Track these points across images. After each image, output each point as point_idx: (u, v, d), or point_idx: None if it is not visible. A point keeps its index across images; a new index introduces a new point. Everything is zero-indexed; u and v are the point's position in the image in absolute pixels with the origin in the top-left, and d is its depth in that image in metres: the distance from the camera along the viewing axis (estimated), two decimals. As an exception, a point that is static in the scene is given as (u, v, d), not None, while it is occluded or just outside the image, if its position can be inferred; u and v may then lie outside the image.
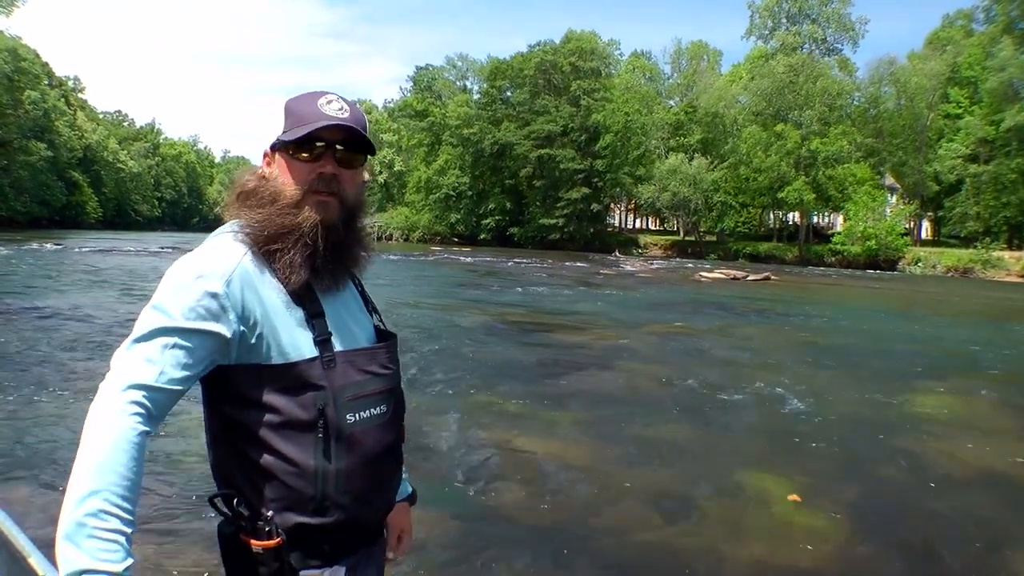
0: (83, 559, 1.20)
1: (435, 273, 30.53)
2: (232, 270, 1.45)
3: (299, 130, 1.52)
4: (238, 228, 1.55)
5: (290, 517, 1.47)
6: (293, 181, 1.54)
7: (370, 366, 1.58)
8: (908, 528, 5.00)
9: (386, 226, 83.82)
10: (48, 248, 34.13)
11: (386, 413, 1.59)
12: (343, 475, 1.49)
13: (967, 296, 29.16)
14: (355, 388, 1.52)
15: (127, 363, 1.36)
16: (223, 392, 1.49)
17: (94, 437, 1.29)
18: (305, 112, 1.54)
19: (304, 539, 1.49)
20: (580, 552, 4.38)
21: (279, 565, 1.46)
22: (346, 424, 1.49)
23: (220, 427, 1.53)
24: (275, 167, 1.59)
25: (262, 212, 1.53)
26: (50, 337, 10.34)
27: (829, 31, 64.98)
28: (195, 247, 1.53)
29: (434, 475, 5.49)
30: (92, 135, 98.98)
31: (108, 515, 1.23)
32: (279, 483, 1.46)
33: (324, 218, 1.53)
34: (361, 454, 1.52)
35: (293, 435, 1.46)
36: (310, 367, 1.47)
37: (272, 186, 1.56)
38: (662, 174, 62.47)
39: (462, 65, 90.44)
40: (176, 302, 1.40)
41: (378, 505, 1.63)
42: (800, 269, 48.94)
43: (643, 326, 14.61)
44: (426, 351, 10.39)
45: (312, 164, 1.54)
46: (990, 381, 10.14)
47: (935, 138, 59.05)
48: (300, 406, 1.46)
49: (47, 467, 5.23)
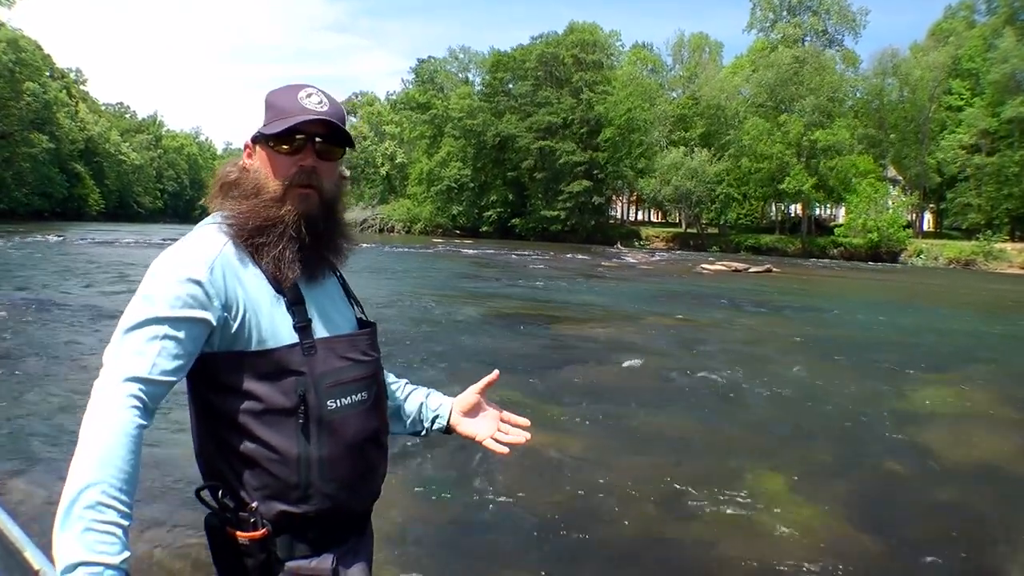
0: (80, 551, 1.20)
1: (436, 265, 30.49)
2: (214, 258, 1.47)
3: (280, 123, 1.54)
4: (221, 219, 1.57)
5: (274, 506, 1.48)
6: (274, 174, 1.57)
7: (351, 353, 1.59)
8: (910, 522, 5.01)
9: (388, 218, 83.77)
10: (50, 240, 34.12)
11: (367, 400, 1.60)
12: (326, 462, 1.50)
13: (969, 288, 29.09)
14: (335, 375, 1.54)
15: (120, 357, 1.38)
16: (206, 381, 1.51)
17: (92, 431, 1.30)
18: (285, 105, 1.56)
19: (289, 528, 1.50)
20: (579, 545, 4.39)
21: (265, 556, 1.48)
22: (327, 410, 1.51)
23: (203, 416, 1.54)
24: (256, 159, 1.61)
25: (246, 204, 1.55)
26: (47, 329, 10.36)
27: (830, 22, 64.86)
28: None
29: (431, 468, 5.51)
30: (94, 127, 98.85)
31: (105, 507, 1.24)
32: (262, 471, 1.48)
33: (305, 211, 1.56)
34: (343, 441, 1.53)
35: (274, 421, 1.47)
36: (290, 353, 1.49)
37: (254, 178, 1.58)
38: (664, 167, 62.34)
39: (464, 57, 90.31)
40: (162, 292, 1.42)
41: (363, 493, 1.64)
42: (802, 261, 48.87)
43: (644, 318, 14.61)
44: (425, 342, 10.41)
45: (292, 156, 1.56)
46: (991, 373, 10.14)
47: (937, 130, 58.91)
48: (281, 392, 1.47)
49: (43, 460, 5.23)
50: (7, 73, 70.24)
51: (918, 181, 60.23)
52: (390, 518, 4.33)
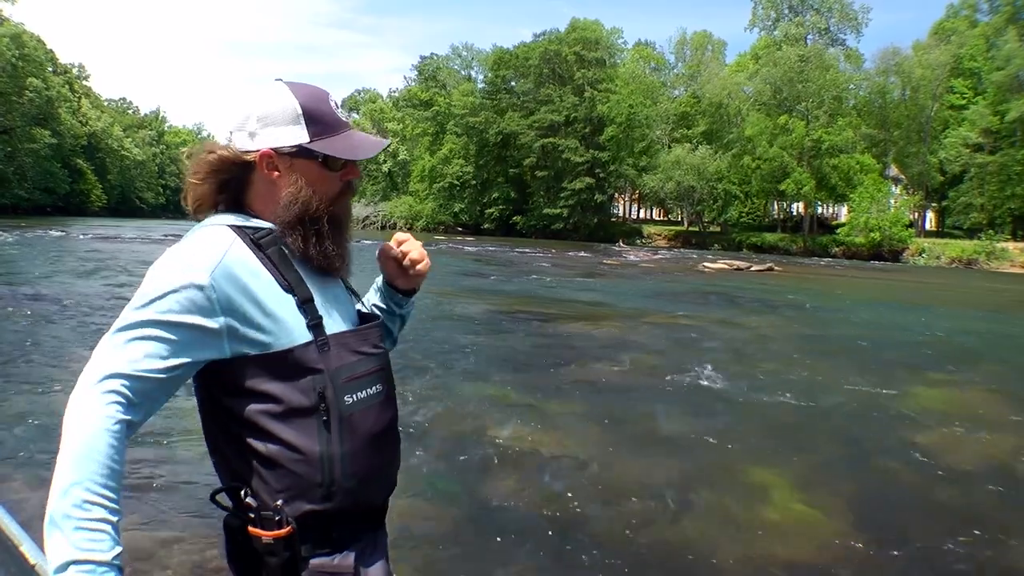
0: (70, 550, 1.20)
1: (438, 262, 30.33)
2: (218, 261, 1.44)
3: (340, 144, 1.56)
4: (234, 222, 1.54)
5: (300, 505, 1.47)
6: (325, 189, 1.58)
7: (362, 347, 1.59)
8: (912, 523, 5.00)
9: (390, 215, 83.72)
10: (51, 235, 34.13)
11: (381, 392, 1.60)
12: (348, 458, 1.49)
13: (971, 288, 29.07)
14: (350, 369, 1.53)
15: (105, 353, 1.37)
16: (222, 387, 1.49)
17: (73, 428, 1.29)
18: (329, 119, 1.56)
19: (313, 526, 1.49)
20: (578, 544, 4.39)
21: (290, 554, 1.46)
22: (345, 406, 1.50)
23: (220, 421, 1.52)
24: (287, 171, 1.56)
25: (289, 213, 1.55)
26: (45, 324, 10.35)
27: (832, 20, 64.77)
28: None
29: (431, 465, 5.51)
30: (96, 123, 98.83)
31: (92, 505, 1.23)
32: (286, 472, 1.46)
33: (348, 210, 1.65)
34: (363, 435, 1.53)
35: (296, 422, 1.46)
36: (306, 351, 1.48)
37: (298, 195, 1.55)
38: (666, 164, 62.30)
39: (467, 54, 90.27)
40: (160, 295, 1.40)
41: (383, 485, 1.64)
42: (804, 260, 48.82)
43: (645, 316, 14.60)
44: (426, 340, 10.41)
45: (340, 172, 1.59)
46: (993, 373, 10.14)
47: (939, 128, 58.83)
48: (300, 391, 1.46)
49: (40, 455, 5.20)
50: (10, 68, 70.17)
51: (920, 180, 60.17)
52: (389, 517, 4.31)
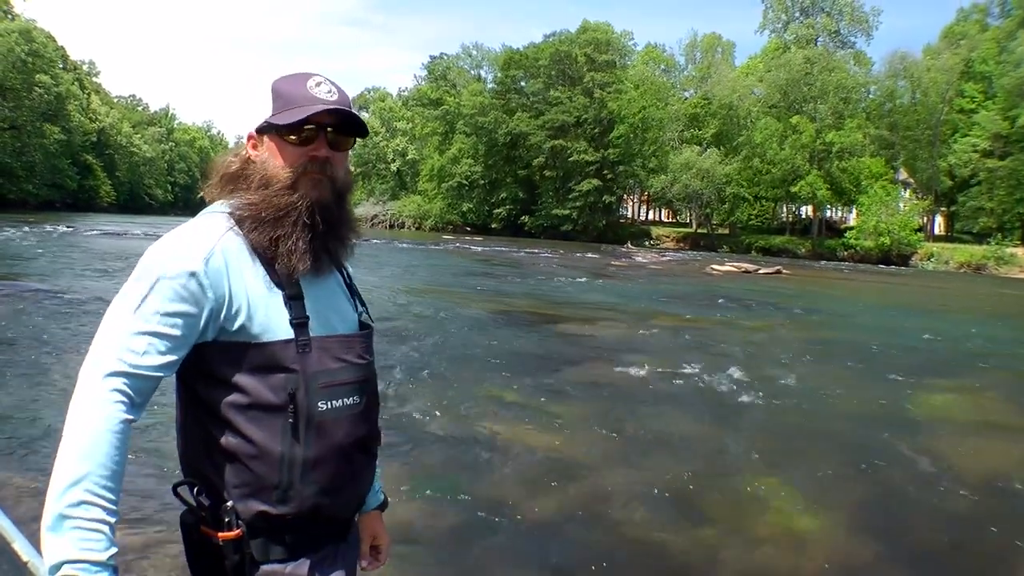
0: (66, 549, 1.20)
1: (446, 261, 30.51)
2: (211, 248, 1.43)
3: (291, 113, 1.50)
4: (226, 210, 1.53)
5: (252, 505, 1.44)
6: (285, 164, 1.52)
7: (345, 355, 1.54)
8: (916, 531, 4.96)
9: (398, 214, 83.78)
10: (59, 231, 34.24)
11: (359, 404, 1.55)
12: (310, 464, 1.45)
13: (980, 293, 28.97)
14: (328, 375, 1.49)
15: (106, 349, 1.35)
16: (195, 370, 1.47)
17: (76, 427, 1.28)
18: (295, 94, 1.52)
19: (266, 530, 1.46)
20: (580, 548, 4.38)
21: (239, 558, 1.44)
22: (317, 411, 1.46)
23: (189, 408, 1.51)
24: (263, 150, 1.56)
25: (256, 195, 1.51)
26: (48, 319, 10.35)
27: (842, 23, 64.71)
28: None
29: (432, 466, 5.48)
30: (106, 119, 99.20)
31: (90, 505, 1.22)
32: (242, 467, 1.44)
33: (318, 198, 1.52)
34: (330, 444, 1.48)
35: (260, 417, 1.43)
36: (284, 349, 1.45)
37: (263, 169, 1.54)
38: (675, 167, 62.29)
39: (477, 54, 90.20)
40: (154, 284, 1.38)
41: (345, 500, 1.59)
42: (812, 263, 48.72)
43: (652, 318, 14.55)
44: (431, 339, 10.38)
45: (303, 147, 1.52)
46: (1002, 379, 10.06)
47: (949, 133, 58.68)
48: (270, 388, 1.43)
49: (36, 452, 5.19)
50: (20, 64, 70.49)
51: (930, 184, 60.02)
52: (389, 519, 4.30)
